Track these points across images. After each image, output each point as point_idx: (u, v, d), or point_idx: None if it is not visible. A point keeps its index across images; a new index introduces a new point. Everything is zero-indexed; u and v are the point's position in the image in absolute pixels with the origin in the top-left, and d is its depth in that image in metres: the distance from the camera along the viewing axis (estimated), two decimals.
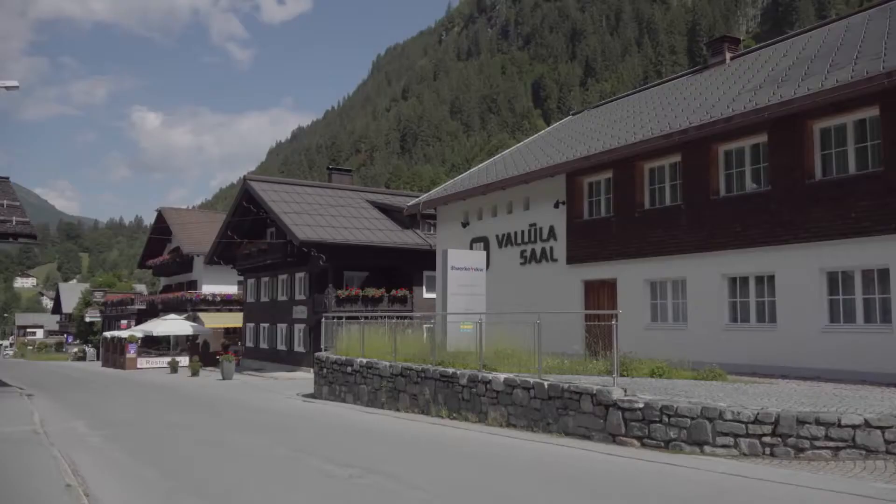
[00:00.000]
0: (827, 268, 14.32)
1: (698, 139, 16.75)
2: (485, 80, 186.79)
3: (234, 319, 44.20)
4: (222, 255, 40.47)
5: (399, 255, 34.10)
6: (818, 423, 8.52)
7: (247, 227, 37.87)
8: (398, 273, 34.87)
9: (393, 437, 12.06)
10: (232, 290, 46.17)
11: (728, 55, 23.55)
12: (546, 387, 11.35)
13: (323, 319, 22.13)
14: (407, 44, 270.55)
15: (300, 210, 34.05)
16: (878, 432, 8.28)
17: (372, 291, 33.54)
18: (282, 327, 37.01)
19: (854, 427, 8.37)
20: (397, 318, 18.33)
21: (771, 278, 15.38)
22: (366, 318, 20.07)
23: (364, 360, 16.95)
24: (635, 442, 9.81)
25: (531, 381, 11.70)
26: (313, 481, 8.17)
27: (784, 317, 14.94)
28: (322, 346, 21.27)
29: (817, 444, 8.48)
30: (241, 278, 43.13)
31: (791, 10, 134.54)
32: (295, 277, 36.01)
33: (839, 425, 8.42)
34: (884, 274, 13.40)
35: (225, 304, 45.62)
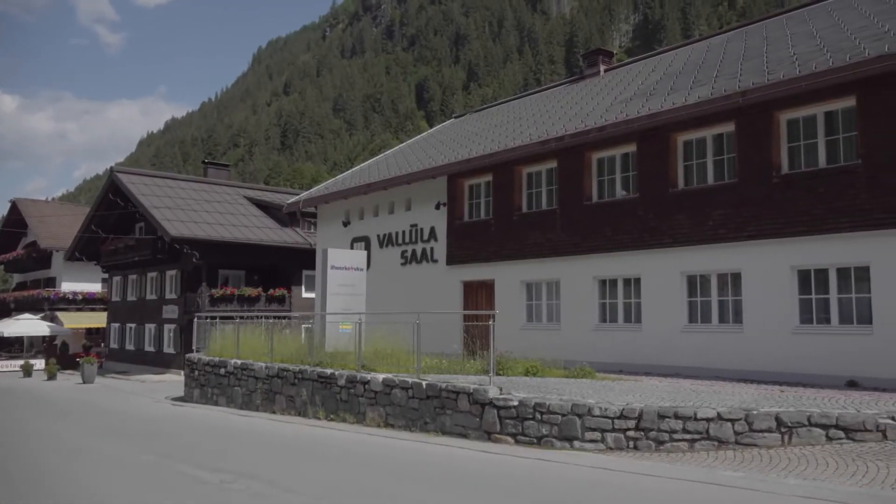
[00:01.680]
0: (687, 271, 15.29)
1: (573, 146, 17.44)
2: (369, 79, 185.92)
3: (97, 319, 41.58)
4: (85, 250, 38.02)
5: (278, 254, 33.34)
6: (677, 416, 9.07)
7: (113, 222, 35.75)
8: (276, 272, 34.08)
9: (268, 439, 11.76)
10: (95, 288, 43.42)
11: (602, 67, 24.70)
12: (424, 386, 11.44)
13: (195, 319, 21.30)
14: (289, 38, 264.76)
15: (173, 205, 32.58)
16: (729, 424, 8.93)
17: (248, 291, 32.60)
18: (150, 328, 35.24)
19: (708, 420, 8.98)
20: (275, 318, 17.93)
21: (637, 281, 16.24)
22: (241, 318, 19.47)
23: (239, 362, 16.44)
24: (509, 439, 10.07)
25: (410, 380, 11.76)
26: (182, 488, 7.83)
27: (649, 317, 15.82)
28: (194, 348, 20.45)
29: (675, 436, 9.03)
30: (106, 276, 40.69)
31: (660, 28, 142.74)
32: (166, 275, 34.38)
33: (695, 419, 9.01)
34: (736, 278, 14.47)
35: (87, 303, 42.81)
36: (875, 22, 14.61)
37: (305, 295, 33.47)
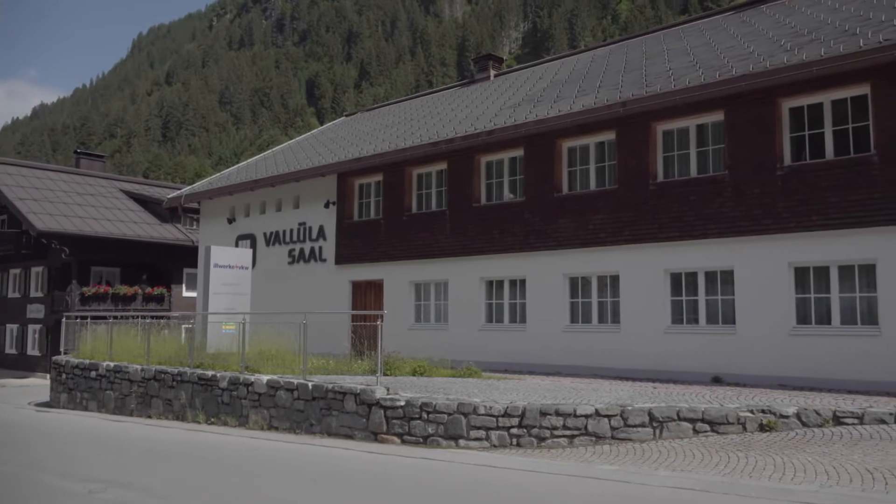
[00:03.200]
0: (569, 273, 15.85)
1: (463, 149, 17.69)
2: (257, 72, 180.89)
3: None
4: None
5: (157, 251, 31.85)
6: (558, 414, 9.39)
7: None
8: (155, 270, 32.54)
9: (142, 445, 11.21)
10: None
11: (492, 72, 25.22)
12: (310, 387, 11.27)
13: (64, 319, 20.04)
14: (173, 25, 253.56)
15: (40, 197, 30.47)
16: (606, 420, 9.34)
17: (124, 289, 30.95)
18: (12, 328, 32.79)
19: (587, 416, 9.35)
20: (153, 317, 17.15)
21: (523, 282, 16.68)
22: (116, 317, 18.46)
23: (111, 364, 15.57)
24: (396, 439, 10.08)
25: (295, 382, 11.54)
26: (45, 500, 7.32)
27: (533, 318, 16.28)
28: (62, 350, 19.21)
29: (556, 433, 9.35)
30: None
31: (548, 37, 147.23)
32: (31, 272, 32.11)
33: (575, 415, 9.36)
34: (615, 280, 15.15)
35: None
36: (742, 42, 15.70)
37: (187, 294, 32.18)
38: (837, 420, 9.17)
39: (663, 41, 19.65)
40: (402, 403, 10.12)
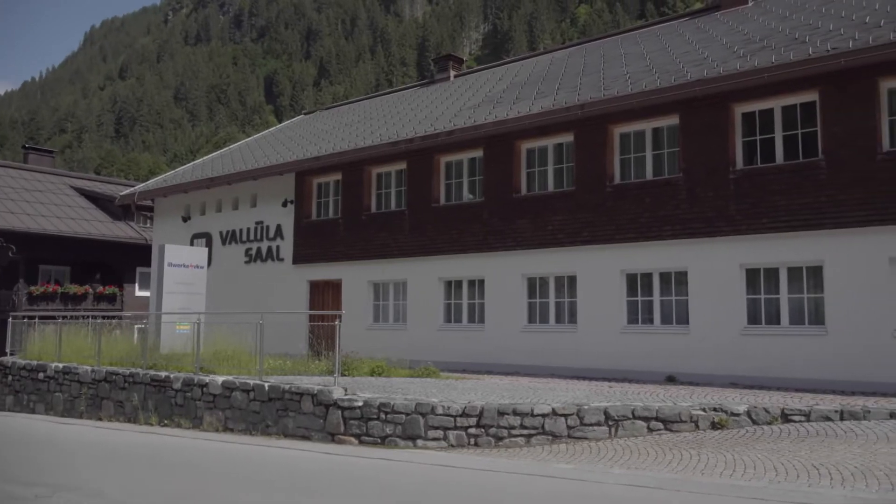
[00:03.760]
0: (528, 274, 15.97)
1: (423, 149, 17.68)
2: (214, 68, 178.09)
3: None
4: None
5: (109, 249, 31.10)
6: (515, 413, 9.45)
7: None
8: (107, 268, 31.77)
9: (92, 449, 10.94)
10: None
11: (453, 73, 25.28)
12: (267, 388, 11.14)
13: (10, 319, 19.44)
14: (127, 19, 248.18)
15: None
16: (563, 419, 9.43)
17: (74, 288, 30.15)
18: None
19: (544, 416, 9.43)
20: (104, 317, 16.76)
21: (482, 282, 16.74)
22: (66, 317, 17.99)
23: (61, 365, 15.17)
24: (353, 440, 10.03)
25: (251, 382, 11.40)
26: None
27: (491, 318, 16.36)
28: (8, 351, 18.65)
29: (514, 432, 9.41)
30: None
31: (508, 38, 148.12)
32: None
33: (532, 414, 9.44)
34: (572, 281, 15.31)
35: None
36: (696, 48, 16.02)
37: (140, 293, 31.52)
38: (786, 418, 9.43)
39: (621, 45, 19.93)
40: (360, 404, 10.07)
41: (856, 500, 6.26)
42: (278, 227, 20.97)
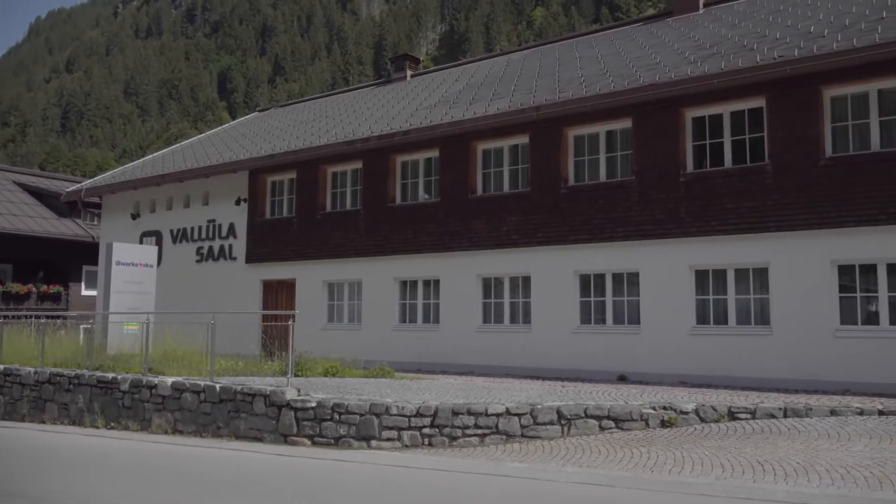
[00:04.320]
0: (483, 274, 16.04)
1: (379, 148, 17.61)
2: (166, 63, 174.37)
3: None
4: None
5: (54, 247, 30.17)
6: (469, 413, 9.49)
7: None
8: (52, 267, 30.81)
9: (35, 452, 10.59)
10: None
11: (409, 72, 25.24)
12: (218, 389, 10.95)
13: None
14: (75, 11, 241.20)
15: None
16: (516, 419, 9.50)
17: (16, 287, 29.13)
18: None
19: (498, 415, 9.48)
20: (48, 317, 16.27)
21: (437, 282, 16.76)
22: (7, 317, 17.39)
23: (1, 367, 14.65)
24: (306, 441, 9.94)
25: (202, 383, 11.20)
26: None
27: (447, 318, 16.38)
28: None
29: (468, 432, 9.44)
30: None
31: (464, 39, 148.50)
32: None
33: (486, 414, 9.48)
34: (527, 281, 15.43)
35: None
36: (649, 53, 16.30)
37: (86, 293, 30.63)
38: (732, 415, 9.66)
39: (576, 48, 20.17)
40: (314, 405, 9.98)
41: (798, 494, 6.46)
42: (231, 226, 20.65)
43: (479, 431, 9.44)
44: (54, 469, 9.13)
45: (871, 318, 11.89)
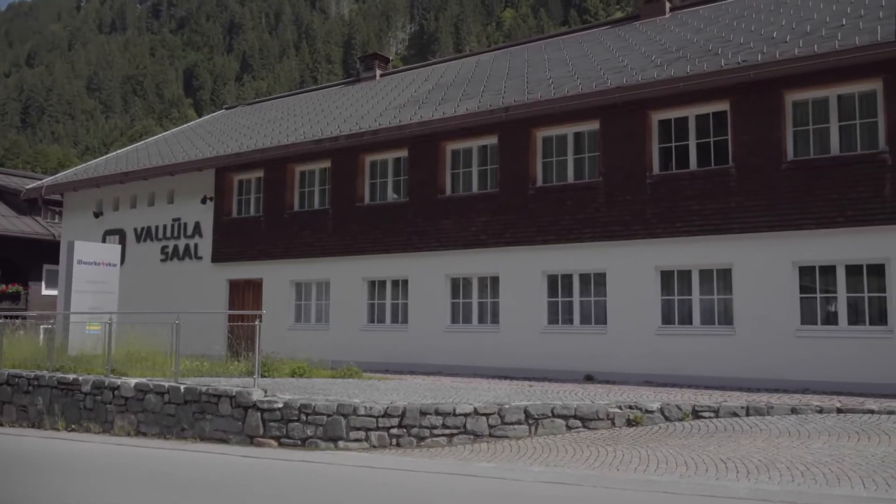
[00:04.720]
0: (451, 274, 16.06)
1: (347, 148, 17.53)
2: (130, 58, 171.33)
3: None
4: None
5: (13, 245, 29.47)
6: (437, 413, 9.49)
7: None
8: (11, 265, 30.10)
9: None
10: None
11: (378, 72, 25.16)
12: (182, 391, 10.80)
13: None
14: (36, 4, 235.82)
15: None
16: (484, 419, 9.53)
17: None
18: None
19: (466, 415, 9.50)
20: (7, 317, 15.87)
21: (406, 282, 16.74)
22: None
23: None
24: (273, 442, 9.85)
25: (166, 385, 11.03)
26: None
27: (415, 318, 16.37)
28: None
29: (436, 432, 9.44)
30: None
31: (434, 40, 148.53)
32: None
33: (454, 414, 9.49)
34: (495, 281, 15.50)
35: None
36: (617, 56, 16.48)
37: (46, 292, 29.98)
38: (696, 414, 9.81)
39: (545, 50, 20.30)
40: (280, 405, 9.90)
41: (759, 491, 6.58)
42: (197, 225, 20.38)
43: (447, 431, 9.45)
44: (11, 473, 8.91)
45: (831, 319, 12.17)
